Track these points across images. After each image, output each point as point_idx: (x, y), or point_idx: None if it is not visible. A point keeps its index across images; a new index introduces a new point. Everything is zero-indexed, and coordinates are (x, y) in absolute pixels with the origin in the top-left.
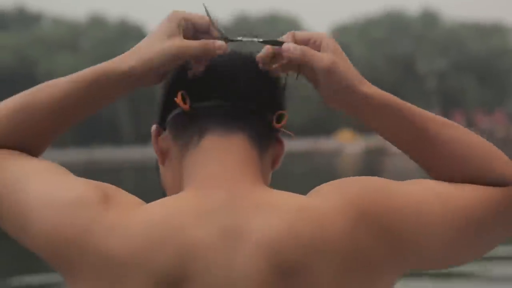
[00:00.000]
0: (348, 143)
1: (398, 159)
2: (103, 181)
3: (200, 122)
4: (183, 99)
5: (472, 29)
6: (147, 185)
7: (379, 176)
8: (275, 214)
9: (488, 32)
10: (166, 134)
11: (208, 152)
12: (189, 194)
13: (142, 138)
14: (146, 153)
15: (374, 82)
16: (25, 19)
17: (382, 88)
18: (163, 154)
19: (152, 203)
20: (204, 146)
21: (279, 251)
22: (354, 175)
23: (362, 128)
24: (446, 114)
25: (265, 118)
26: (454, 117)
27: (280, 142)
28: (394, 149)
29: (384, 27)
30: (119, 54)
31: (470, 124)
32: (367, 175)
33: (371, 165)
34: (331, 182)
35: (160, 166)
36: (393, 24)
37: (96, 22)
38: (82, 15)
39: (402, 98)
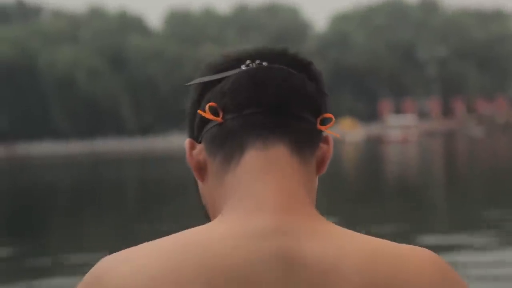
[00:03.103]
0: (349, 131)
1: (396, 147)
2: (107, 172)
3: (237, 135)
4: (214, 112)
5: (472, 16)
6: (150, 176)
7: (379, 162)
8: (334, 242)
9: (488, 18)
10: (201, 147)
11: (250, 171)
12: (231, 218)
13: (144, 129)
14: (148, 143)
15: (375, 69)
16: (25, 12)
17: (383, 75)
18: (202, 169)
19: (187, 230)
20: (245, 164)
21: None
22: (356, 163)
23: (362, 116)
24: (447, 100)
25: (306, 121)
26: (455, 103)
27: (327, 143)
28: (392, 137)
29: (384, 14)
30: (119, 45)
31: (470, 110)
32: (368, 162)
33: (371, 153)
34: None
35: (199, 183)
36: (393, 11)
37: (96, 14)
38: (82, 7)
39: (403, 85)
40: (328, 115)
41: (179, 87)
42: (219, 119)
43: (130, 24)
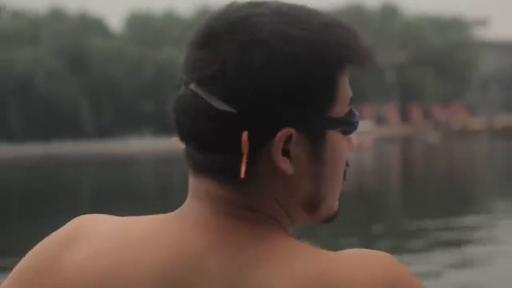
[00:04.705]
0: None
1: (355, 153)
2: (63, 175)
3: (186, 157)
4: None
5: (430, 23)
6: (107, 179)
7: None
8: (279, 265)
9: (446, 26)
10: None
11: (191, 193)
12: (179, 226)
13: (103, 132)
14: (106, 147)
15: None
16: None
17: None
18: None
19: (144, 221)
20: (190, 184)
21: None
22: None
23: None
24: (404, 106)
25: (232, 152)
26: (412, 109)
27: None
28: (355, 142)
29: (345, 20)
30: (79, 47)
31: (427, 116)
32: None
33: None
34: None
35: None
36: (353, 17)
37: (56, 15)
38: (42, 8)
39: (362, 90)
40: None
41: (140, 90)
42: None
43: (90, 26)
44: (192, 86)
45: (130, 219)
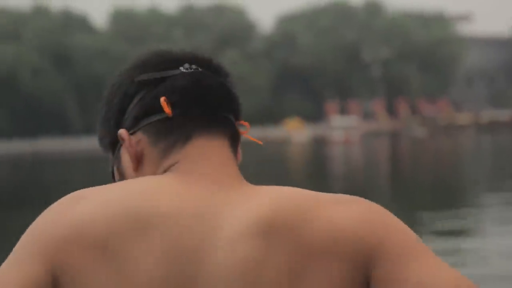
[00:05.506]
0: (296, 132)
1: (338, 148)
2: (51, 172)
3: (185, 128)
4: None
5: (414, 19)
6: (96, 175)
7: (324, 162)
8: (267, 200)
9: (430, 21)
10: (139, 138)
11: (194, 152)
12: (176, 181)
13: (90, 128)
14: (94, 143)
15: (321, 70)
16: None
17: (328, 76)
18: (138, 159)
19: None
20: (189, 149)
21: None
22: (303, 163)
23: (309, 117)
24: (390, 101)
25: (232, 122)
26: (398, 104)
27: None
28: (335, 138)
29: (330, 16)
30: (63, 44)
31: (414, 111)
32: (315, 163)
33: (317, 154)
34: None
35: (127, 172)
36: (338, 13)
37: (40, 12)
38: (25, 4)
39: (348, 86)
40: (244, 122)
41: None
42: (169, 111)
43: (74, 22)
44: (201, 69)
45: (129, 180)
